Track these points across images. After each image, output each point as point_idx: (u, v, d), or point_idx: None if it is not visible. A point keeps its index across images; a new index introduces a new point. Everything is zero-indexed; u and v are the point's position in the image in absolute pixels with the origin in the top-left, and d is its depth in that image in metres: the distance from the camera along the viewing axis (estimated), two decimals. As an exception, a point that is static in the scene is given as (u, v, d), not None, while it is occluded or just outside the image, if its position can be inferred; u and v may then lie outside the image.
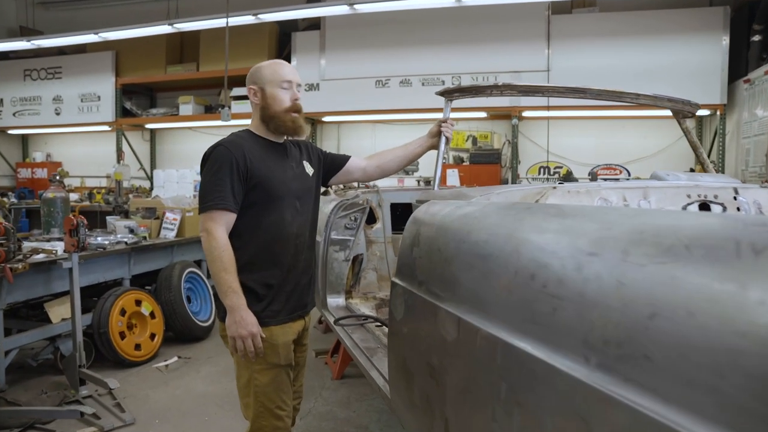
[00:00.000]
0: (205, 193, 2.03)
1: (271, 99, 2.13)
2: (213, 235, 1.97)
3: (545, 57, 8.04)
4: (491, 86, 2.41)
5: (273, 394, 2.06)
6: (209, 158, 2.07)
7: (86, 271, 4.23)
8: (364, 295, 3.41)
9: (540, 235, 1.22)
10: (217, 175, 2.01)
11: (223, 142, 2.09)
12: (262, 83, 2.14)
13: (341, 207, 3.29)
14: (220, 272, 1.95)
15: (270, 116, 2.13)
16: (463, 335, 1.41)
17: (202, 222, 2.02)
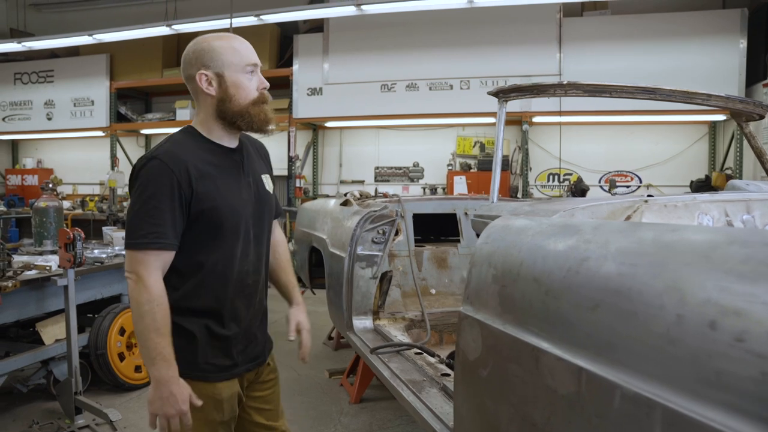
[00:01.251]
0: (135, 225, 1.55)
1: (233, 88, 1.62)
2: (145, 284, 1.52)
3: (557, 61, 7.80)
4: (555, 85, 2.12)
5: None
6: (140, 176, 1.57)
7: (82, 288, 3.88)
8: (391, 315, 3.10)
9: (717, 270, 0.92)
10: (152, 201, 1.53)
11: (159, 154, 1.58)
12: (219, 67, 1.61)
13: (368, 219, 2.99)
14: (150, 333, 1.51)
15: (235, 112, 1.63)
16: (590, 391, 1.11)
17: (129, 262, 1.55)
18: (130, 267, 1.55)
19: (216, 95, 1.62)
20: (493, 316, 1.47)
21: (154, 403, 1.53)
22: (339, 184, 9.29)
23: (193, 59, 1.64)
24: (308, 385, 4.29)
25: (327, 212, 3.77)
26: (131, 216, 1.57)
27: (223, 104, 1.62)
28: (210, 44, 1.63)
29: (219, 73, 1.61)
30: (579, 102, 7.70)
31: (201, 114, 1.67)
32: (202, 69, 1.61)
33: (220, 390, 1.67)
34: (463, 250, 4.02)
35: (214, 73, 1.61)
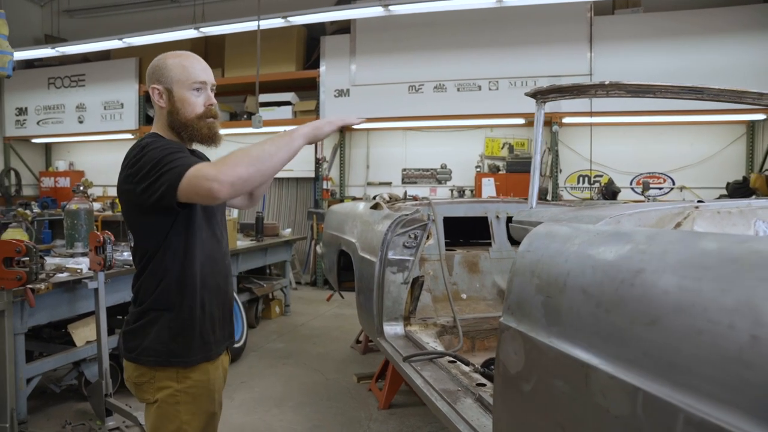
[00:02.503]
0: (168, 161, 1.55)
1: (180, 103, 1.74)
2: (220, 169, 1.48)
3: (587, 60, 7.65)
4: (596, 85, 2.03)
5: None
6: (149, 148, 1.62)
7: (112, 290, 3.90)
8: (422, 321, 3.03)
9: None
10: (174, 151, 1.60)
11: (151, 143, 1.67)
12: (169, 83, 1.74)
13: (399, 224, 2.93)
14: (265, 147, 1.56)
15: (181, 123, 1.75)
16: (648, 414, 1.03)
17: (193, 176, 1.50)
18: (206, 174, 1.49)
19: (166, 107, 1.75)
20: (537, 328, 1.40)
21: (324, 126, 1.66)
22: (366, 186, 9.25)
23: (150, 74, 1.79)
24: (336, 389, 4.25)
25: (356, 215, 3.72)
26: (160, 159, 1.56)
27: (171, 116, 1.75)
28: (165, 62, 1.77)
29: (168, 88, 1.74)
30: (610, 102, 7.53)
31: (157, 124, 1.81)
32: (155, 84, 1.76)
33: (213, 377, 1.75)
34: (494, 255, 3.93)
35: (164, 87, 1.75)
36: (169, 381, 1.68)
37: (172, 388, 1.67)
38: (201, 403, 1.70)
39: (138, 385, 1.74)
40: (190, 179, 1.50)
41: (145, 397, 1.73)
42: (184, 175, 1.51)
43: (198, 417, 1.69)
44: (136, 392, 1.76)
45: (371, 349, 5.23)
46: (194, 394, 1.69)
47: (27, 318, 3.24)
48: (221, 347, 1.82)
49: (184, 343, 1.69)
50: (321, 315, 6.81)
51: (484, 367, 2.33)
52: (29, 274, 2.86)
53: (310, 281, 8.87)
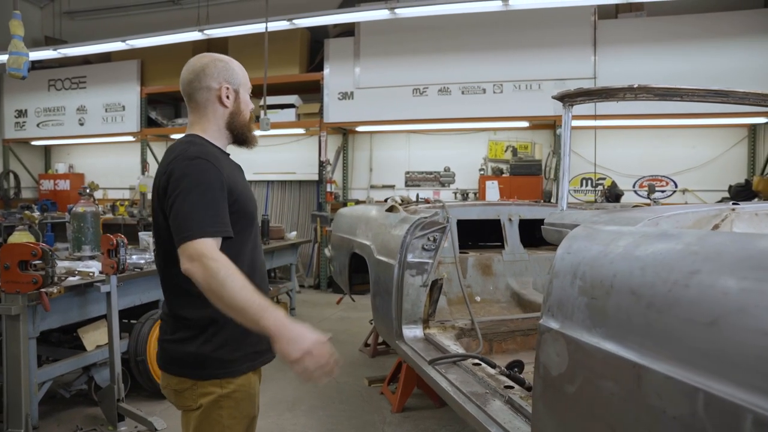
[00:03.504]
0: (198, 215, 1.53)
1: (244, 105, 1.81)
2: (213, 257, 1.46)
3: (591, 64, 7.66)
4: (624, 89, 2.02)
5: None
6: (194, 173, 1.58)
7: (122, 294, 3.87)
8: (440, 324, 3.01)
9: None
10: (209, 195, 1.57)
11: (201, 154, 1.62)
12: (237, 84, 1.78)
13: (419, 226, 2.91)
14: (240, 293, 1.42)
15: (240, 124, 1.80)
16: (711, 414, 1.02)
17: (193, 249, 1.48)
18: (191, 253, 1.48)
19: (231, 108, 1.76)
20: (582, 329, 1.39)
21: (289, 351, 1.37)
22: (369, 189, 9.24)
23: (215, 72, 1.74)
24: (348, 393, 4.23)
25: (370, 218, 3.70)
26: (188, 209, 1.53)
27: (234, 117, 1.77)
28: (230, 64, 1.78)
29: (236, 89, 1.76)
30: (614, 106, 7.55)
31: (208, 124, 1.76)
32: (224, 83, 1.74)
33: (253, 384, 1.73)
34: (507, 257, 3.92)
35: (233, 88, 1.75)
36: (213, 387, 1.64)
37: (215, 394, 1.64)
38: (243, 407, 1.69)
39: (179, 392, 1.68)
40: (190, 249, 1.48)
41: (187, 404, 1.68)
42: (192, 241, 1.49)
43: (240, 421, 1.68)
44: (177, 399, 1.71)
45: (381, 353, 5.21)
46: (237, 399, 1.67)
47: (39, 322, 3.21)
48: (268, 356, 1.76)
49: (231, 352, 1.65)
50: (327, 318, 6.79)
51: (509, 368, 2.32)
52: (45, 278, 2.84)
53: (313, 284, 8.84)
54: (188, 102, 1.79)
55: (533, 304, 3.57)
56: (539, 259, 4.02)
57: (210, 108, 1.75)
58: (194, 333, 1.64)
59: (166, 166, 1.64)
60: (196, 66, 1.76)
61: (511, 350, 3.18)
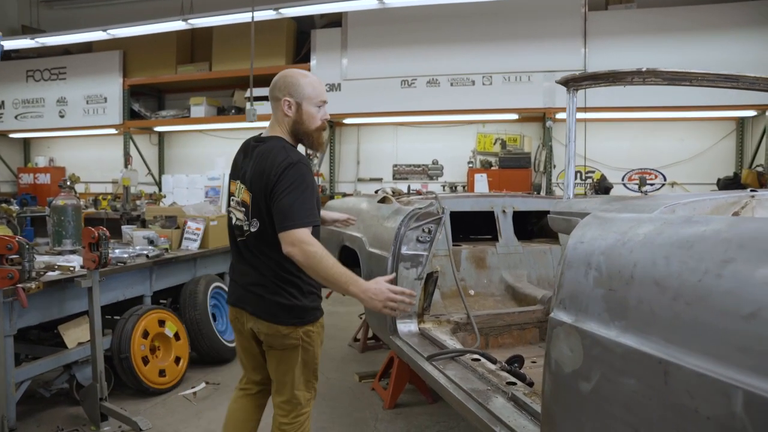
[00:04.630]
0: (299, 209, 2.01)
1: (306, 116, 2.14)
2: (312, 244, 1.97)
3: (581, 56, 7.61)
4: (632, 72, 1.93)
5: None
6: (296, 175, 2.03)
7: (105, 289, 3.73)
8: (435, 318, 2.92)
9: None
10: (306, 193, 2.03)
11: (303, 160, 2.08)
12: (300, 98, 2.13)
13: (413, 217, 2.81)
14: (332, 269, 1.96)
15: (303, 132, 2.16)
16: (752, 413, 0.93)
17: (295, 236, 1.97)
18: (297, 239, 1.96)
19: (292, 117, 2.13)
20: (598, 323, 1.30)
21: (375, 303, 1.95)
22: (356, 182, 9.13)
23: (282, 86, 2.14)
24: (338, 389, 4.13)
25: (361, 210, 3.60)
26: (295, 203, 2.00)
27: (296, 125, 2.14)
28: (297, 79, 2.14)
29: (299, 102, 2.11)
30: (603, 98, 7.50)
31: (280, 128, 2.17)
32: (287, 96, 2.12)
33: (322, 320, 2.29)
34: (501, 250, 3.84)
35: (295, 101, 2.11)
36: (310, 326, 2.19)
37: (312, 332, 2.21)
38: (322, 336, 2.28)
39: (285, 335, 2.16)
40: (293, 236, 1.96)
41: (289, 343, 2.17)
42: (293, 230, 1.97)
43: (320, 346, 2.29)
44: (281, 341, 2.18)
45: (370, 348, 5.11)
46: (319, 332, 2.26)
47: (16, 319, 3.07)
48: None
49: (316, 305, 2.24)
50: (315, 313, 6.67)
51: (509, 364, 2.24)
52: (21, 273, 2.70)
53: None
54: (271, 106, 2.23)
55: (528, 297, 3.49)
56: (534, 252, 3.94)
57: (279, 114, 2.16)
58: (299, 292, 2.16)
59: (275, 167, 2.03)
60: (275, 78, 2.19)
61: (508, 344, 3.10)
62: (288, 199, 1.99)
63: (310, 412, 2.33)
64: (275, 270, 2.12)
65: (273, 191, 2.02)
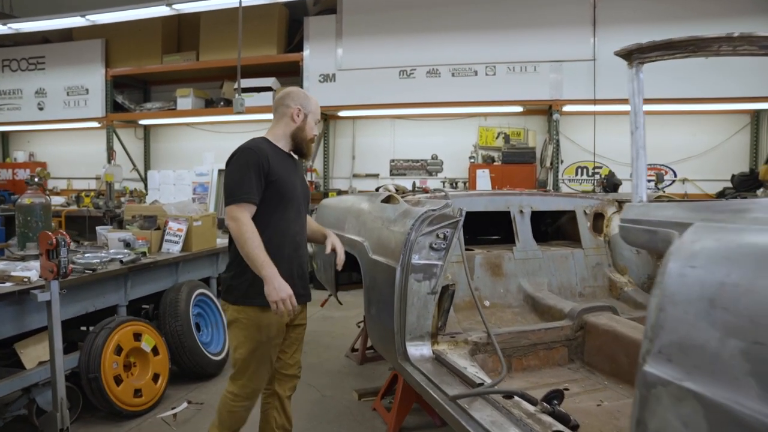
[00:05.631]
0: (233, 187, 2.31)
1: (308, 126, 2.51)
2: (242, 221, 2.25)
3: (590, 45, 7.20)
4: (720, 38, 1.51)
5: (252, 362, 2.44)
6: (236, 158, 2.36)
7: (70, 300, 3.29)
8: (451, 338, 2.50)
9: None
10: (244, 171, 2.31)
11: (249, 146, 2.39)
12: (308, 110, 2.50)
13: (425, 221, 2.38)
14: (254, 250, 2.22)
15: (301, 138, 2.51)
16: None
17: (229, 212, 2.29)
18: (230, 215, 2.27)
19: (298, 125, 2.48)
20: (736, 391, 0.88)
21: (271, 294, 2.18)
22: (352, 178, 8.69)
23: (296, 98, 2.49)
24: (336, 409, 3.71)
25: (362, 211, 3.17)
26: (230, 181, 2.32)
27: (298, 131, 2.49)
28: (308, 95, 2.54)
29: (307, 113, 2.49)
30: (612, 89, 7.11)
31: (278, 130, 2.51)
32: (299, 105, 2.48)
33: (268, 317, 2.36)
34: (518, 255, 3.42)
35: (305, 112, 2.48)
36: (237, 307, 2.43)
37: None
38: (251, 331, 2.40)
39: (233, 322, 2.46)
40: (229, 211, 2.28)
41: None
42: (230, 205, 2.28)
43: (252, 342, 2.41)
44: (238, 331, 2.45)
45: (370, 359, 4.69)
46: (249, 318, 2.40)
47: (-39, 338, 2.63)
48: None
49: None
50: (309, 318, 6.23)
51: (546, 401, 1.82)
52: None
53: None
54: (273, 113, 2.54)
55: (552, 310, 3.07)
56: (554, 257, 3.53)
57: (285, 120, 2.50)
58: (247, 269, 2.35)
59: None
60: (287, 90, 2.56)
61: (533, 367, 2.69)
62: (228, 178, 2.34)
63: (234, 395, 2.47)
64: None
65: (225, 173, 2.39)
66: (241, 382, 2.44)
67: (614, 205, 3.85)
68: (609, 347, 2.64)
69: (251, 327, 2.37)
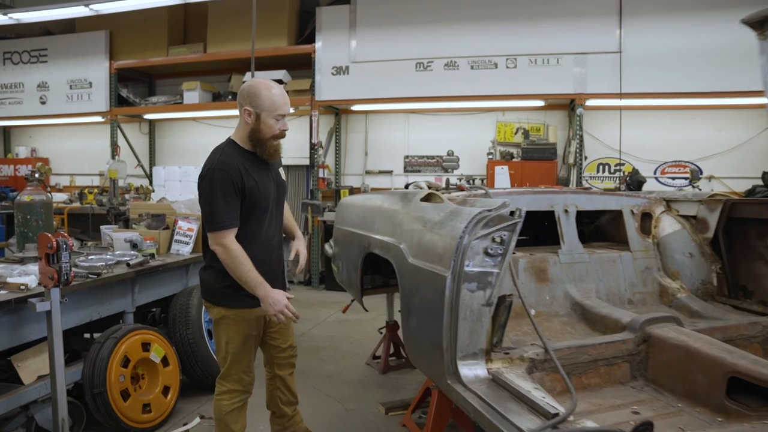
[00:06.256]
0: (213, 213, 2.33)
1: (263, 125, 2.39)
2: (231, 248, 2.32)
3: (616, 37, 6.87)
4: None
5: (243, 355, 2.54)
6: (208, 179, 2.34)
7: (73, 308, 3.00)
8: (506, 355, 2.20)
9: None
10: (219, 195, 2.32)
11: (219, 166, 2.35)
12: (259, 109, 2.38)
13: (481, 223, 2.08)
14: (247, 273, 2.33)
15: (257, 140, 2.42)
16: None
17: (214, 238, 2.35)
18: (215, 241, 2.34)
19: (251, 125, 2.42)
20: None
21: (269, 309, 2.34)
22: (364, 175, 8.39)
23: (245, 96, 2.42)
24: (360, 425, 3.42)
25: (395, 211, 2.85)
26: (211, 207, 2.33)
27: (253, 133, 2.42)
28: (259, 91, 2.39)
29: (257, 113, 2.39)
30: (639, 83, 6.80)
31: (240, 132, 2.47)
32: (247, 106, 2.40)
33: (255, 312, 2.48)
34: (564, 258, 3.12)
35: (254, 111, 2.39)
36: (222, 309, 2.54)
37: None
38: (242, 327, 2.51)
39: (217, 321, 2.55)
40: (216, 237, 2.35)
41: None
42: (216, 232, 2.35)
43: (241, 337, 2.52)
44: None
45: (393, 368, 4.39)
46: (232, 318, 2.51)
47: (-49, 352, 2.33)
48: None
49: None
50: (323, 321, 5.96)
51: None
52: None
53: (303, 280, 7.98)
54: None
55: (606, 320, 2.77)
56: (601, 261, 3.22)
57: (241, 120, 2.45)
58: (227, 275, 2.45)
59: (202, 170, 2.39)
60: (241, 86, 2.47)
61: (593, 386, 2.38)
62: (204, 203, 2.36)
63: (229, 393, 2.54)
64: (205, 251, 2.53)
65: (199, 192, 2.40)
66: (236, 376, 2.51)
67: (662, 204, 3.55)
68: (680, 365, 2.34)
69: (241, 323, 2.46)
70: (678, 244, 3.37)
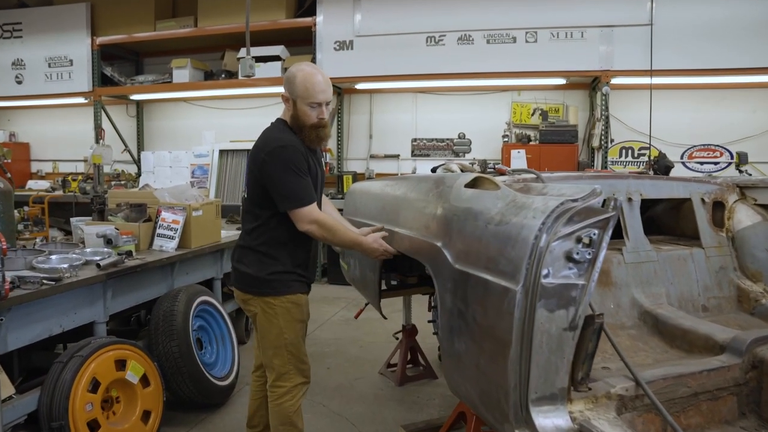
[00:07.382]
0: (297, 190, 2.29)
1: (300, 112, 2.36)
2: (323, 220, 2.32)
3: (647, 8, 6.26)
4: None
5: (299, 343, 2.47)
6: (283, 158, 2.29)
7: (27, 321, 2.42)
8: (588, 391, 1.64)
9: None
10: (301, 172, 2.30)
11: (289, 143, 2.33)
12: (294, 95, 2.36)
13: (563, 217, 1.50)
14: (345, 235, 2.41)
15: (298, 126, 2.38)
16: None
17: (305, 216, 2.29)
18: (308, 219, 2.30)
19: (290, 111, 2.41)
20: None
21: (375, 252, 2.46)
22: (369, 159, 7.81)
23: (285, 79, 2.41)
24: (380, 458, 2.86)
25: (429, 199, 2.28)
26: (289, 185, 2.29)
27: (293, 119, 2.41)
28: (295, 76, 2.36)
29: (294, 99, 2.38)
30: (672, 59, 6.22)
31: (286, 115, 2.45)
32: (286, 92, 2.40)
33: (304, 297, 2.50)
34: (629, 257, 2.56)
35: (291, 98, 2.38)
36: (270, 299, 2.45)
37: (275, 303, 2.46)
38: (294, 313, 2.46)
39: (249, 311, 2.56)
40: (306, 215, 2.30)
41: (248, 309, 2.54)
42: (302, 208, 2.30)
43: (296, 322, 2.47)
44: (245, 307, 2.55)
45: (411, 378, 3.84)
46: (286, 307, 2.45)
47: None
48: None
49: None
50: (328, 321, 5.41)
51: None
52: None
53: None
54: None
55: (690, 335, 2.21)
56: (670, 259, 2.65)
57: (286, 105, 2.44)
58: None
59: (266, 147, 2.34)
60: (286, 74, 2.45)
61: (696, 427, 1.83)
62: (282, 180, 2.28)
63: (292, 391, 2.42)
64: (245, 236, 2.48)
65: (266, 172, 2.31)
66: (298, 367, 2.43)
67: (736, 192, 2.98)
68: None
69: (294, 310, 2.41)
70: (758, 239, 2.80)
